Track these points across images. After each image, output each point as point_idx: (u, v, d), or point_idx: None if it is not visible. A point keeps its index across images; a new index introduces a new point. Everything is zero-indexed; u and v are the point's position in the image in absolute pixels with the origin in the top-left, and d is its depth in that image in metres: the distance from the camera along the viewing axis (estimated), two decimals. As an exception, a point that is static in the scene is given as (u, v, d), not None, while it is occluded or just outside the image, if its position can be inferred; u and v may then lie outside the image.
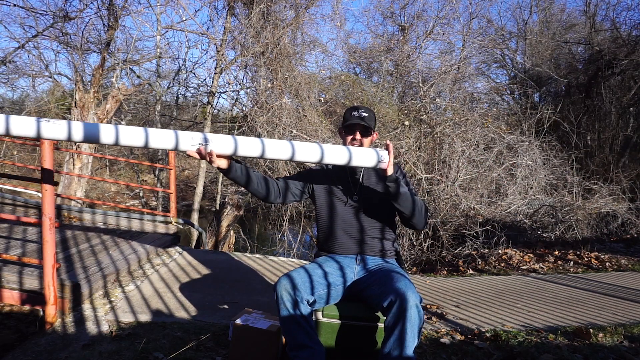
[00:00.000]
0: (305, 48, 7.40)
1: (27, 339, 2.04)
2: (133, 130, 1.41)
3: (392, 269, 1.65)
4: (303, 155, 1.54)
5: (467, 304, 2.90)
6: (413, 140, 5.71)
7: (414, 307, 1.40)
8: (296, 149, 1.53)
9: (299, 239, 6.16)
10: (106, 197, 11.92)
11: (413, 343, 1.41)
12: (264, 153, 1.51)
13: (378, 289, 1.55)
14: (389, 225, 1.83)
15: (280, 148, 1.52)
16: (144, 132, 1.41)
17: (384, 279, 1.57)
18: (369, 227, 1.78)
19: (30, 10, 7.40)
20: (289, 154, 1.53)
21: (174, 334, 2.01)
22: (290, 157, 1.53)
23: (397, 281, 1.49)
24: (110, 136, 1.38)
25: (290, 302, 1.49)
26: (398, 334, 1.41)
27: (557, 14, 12.01)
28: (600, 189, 6.95)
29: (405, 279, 1.52)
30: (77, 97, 6.09)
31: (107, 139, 1.38)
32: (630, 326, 2.53)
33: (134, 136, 1.40)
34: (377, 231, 1.79)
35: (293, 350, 1.50)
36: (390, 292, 1.45)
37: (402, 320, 1.40)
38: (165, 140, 1.43)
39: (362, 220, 1.78)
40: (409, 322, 1.39)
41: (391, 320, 1.43)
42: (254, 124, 6.01)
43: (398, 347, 1.41)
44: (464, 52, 7.69)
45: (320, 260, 1.74)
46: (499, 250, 5.12)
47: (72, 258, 2.78)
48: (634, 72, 9.50)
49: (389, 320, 1.45)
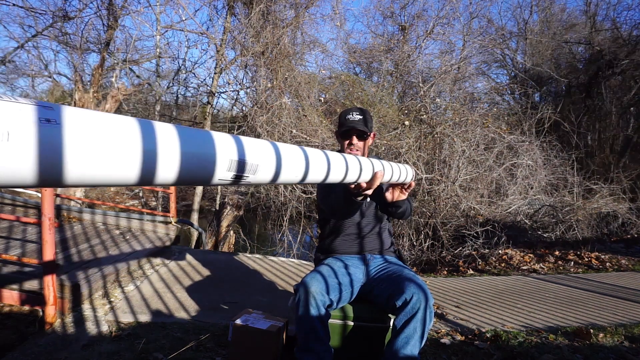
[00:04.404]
0: (305, 48, 7.40)
1: (27, 339, 2.03)
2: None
3: (402, 269, 1.65)
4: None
5: (467, 304, 2.90)
6: (413, 140, 5.70)
7: (428, 307, 1.41)
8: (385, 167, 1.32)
9: (298, 239, 6.16)
10: (106, 197, 11.90)
11: (420, 344, 1.42)
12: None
13: (390, 288, 1.54)
14: (389, 220, 1.86)
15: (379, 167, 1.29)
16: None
17: (397, 278, 1.56)
18: (373, 226, 1.79)
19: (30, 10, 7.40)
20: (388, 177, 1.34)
21: (174, 334, 2.01)
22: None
23: (412, 281, 1.49)
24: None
25: (312, 305, 1.46)
26: (408, 334, 1.41)
27: (558, 13, 12.00)
28: (601, 189, 6.96)
29: (418, 279, 1.53)
30: (77, 97, 6.09)
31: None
32: (630, 326, 2.53)
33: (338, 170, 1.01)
34: (379, 230, 1.81)
35: (300, 352, 1.49)
36: (405, 291, 1.45)
37: (413, 320, 1.41)
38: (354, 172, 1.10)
39: (367, 220, 1.79)
40: (420, 322, 1.40)
41: (402, 319, 1.43)
42: (254, 123, 6.01)
43: (406, 346, 1.41)
44: (464, 52, 7.69)
45: (331, 263, 1.71)
46: (499, 251, 5.11)
47: (71, 258, 2.77)
48: (634, 72, 9.50)
49: (399, 319, 1.44)
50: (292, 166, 0.81)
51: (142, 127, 0.50)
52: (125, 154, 0.47)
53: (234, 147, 0.65)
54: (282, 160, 0.78)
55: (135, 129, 0.49)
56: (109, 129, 0.46)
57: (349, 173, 1.07)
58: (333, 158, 1.00)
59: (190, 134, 0.58)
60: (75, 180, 0.44)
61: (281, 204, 6.18)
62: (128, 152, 0.48)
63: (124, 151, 0.47)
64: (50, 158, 0.40)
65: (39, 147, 0.39)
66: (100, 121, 0.46)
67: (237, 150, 0.65)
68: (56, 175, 0.41)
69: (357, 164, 1.13)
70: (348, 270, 1.68)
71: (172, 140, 0.53)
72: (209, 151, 0.60)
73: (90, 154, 0.44)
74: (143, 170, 0.50)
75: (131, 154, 0.48)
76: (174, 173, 0.54)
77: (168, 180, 0.54)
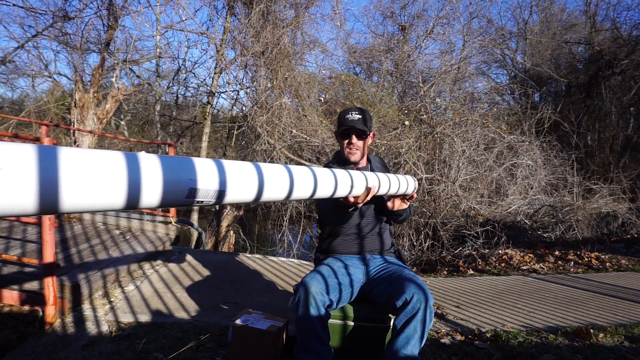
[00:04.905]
0: (305, 48, 7.39)
1: (27, 339, 2.03)
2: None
3: (403, 269, 1.65)
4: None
5: (467, 304, 2.90)
6: (413, 140, 5.70)
7: (428, 307, 1.42)
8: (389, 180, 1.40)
9: (298, 239, 6.16)
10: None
11: (421, 344, 1.43)
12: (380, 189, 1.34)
13: (390, 288, 1.55)
14: (388, 223, 1.86)
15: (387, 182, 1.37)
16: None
17: (397, 278, 1.57)
18: (373, 226, 1.79)
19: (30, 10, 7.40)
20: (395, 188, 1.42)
21: (174, 334, 2.01)
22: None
23: (412, 281, 1.50)
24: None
25: (312, 305, 1.46)
26: (408, 334, 1.41)
27: (558, 13, 12.00)
28: (601, 189, 6.96)
29: (419, 279, 1.53)
30: (77, 97, 6.09)
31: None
32: (630, 326, 2.53)
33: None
34: (379, 230, 1.81)
35: (300, 352, 1.49)
36: (406, 291, 1.45)
37: (413, 320, 1.41)
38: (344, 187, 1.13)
39: (367, 221, 1.79)
40: (421, 322, 1.40)
41: (403, 320, 1.44)
42: (254, 123, 6.00)
43: (406, 346, 1.41)
44: (464, 52, 7.69)
45: (331, 263, 1.71)
46: (499, 251, 5.11)
47: (72, 258, 2.77)
48: (634, 72, 9.50)
49: (400, 319, 1.45)
50: (271, 186, 0.84)
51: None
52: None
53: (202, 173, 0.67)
54: (263, 181, 0.81)
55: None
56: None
57: (338, 189, 1.09)
58: (321, 176, 1.02)
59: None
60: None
61: (281, 204, 6.18)
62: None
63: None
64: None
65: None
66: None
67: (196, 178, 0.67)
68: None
69: (348, 180, 1.15)
70: (348, 270, 1.68)
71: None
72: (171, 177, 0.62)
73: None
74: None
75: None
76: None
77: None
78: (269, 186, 0.83)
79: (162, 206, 0.64)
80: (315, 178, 0.99)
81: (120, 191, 0.55)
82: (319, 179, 1.00)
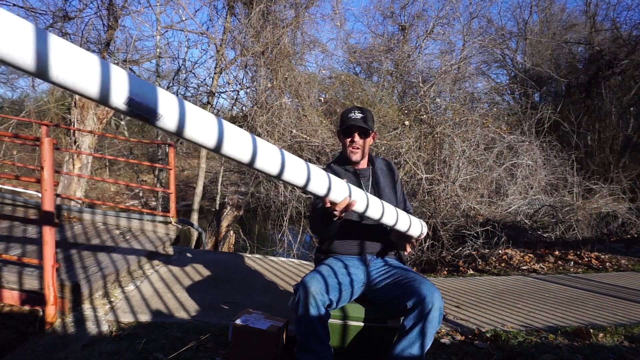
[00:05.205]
0: (305, 48, 7.40)
1: (27, 339, 2.03)
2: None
3: (407, 271, 1.65)
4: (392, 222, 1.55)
5: (467, 304, 2.90)
6: (413, 140, 5.71)
7: (438, 309, 1.42)
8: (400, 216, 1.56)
9: (298, 239, 6.16)
10: (106, 197, 11.92)
11: (428, 345, 1.43)
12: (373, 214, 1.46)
13: (398, 289, 1.55)
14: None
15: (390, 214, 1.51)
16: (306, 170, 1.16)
17: (405, 280, 1.57)
18: (374, 228, 1.79)
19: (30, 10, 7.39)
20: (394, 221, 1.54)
21: (174, 334, 2.01)
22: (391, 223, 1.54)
23: (421, 283, 1.50)
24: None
25: (312, 305, 1.45)
26: (416, 335, 1.42)
27: (557, 13, 12.01)
28: (601, 189, 6.96)
29: (428, 281, 1.54)
30: (77, 97, 6.09)
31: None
32: (630, 326, 2.53)
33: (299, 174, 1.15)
34: (380, 231, 1.80)
35: (300, 352, 1.49)
36: (416, 293, 1.45)
37: (423, 322, 1.41)
38: (321, 186, 1.23)
39: (368, 222, 1.78)
40: (430, 324, 1.41)
41: (412, 321, 1.44)
42: (254, 123, 6.01)
43: (413, 346, 1.42)
44: (464, 52, 7.69)
45: (331, 263, 1.71)
46: (499, 251, 5.12)
47: (72, 258, 2.77)
48: (634, 72, 9.51)
49: (409, 321, 1.45)
50: (230, 141, 0.95)
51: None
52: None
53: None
54: (223, 132, 0.94)
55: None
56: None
57: (312, 181, 1.18)
58: (291, 158, 1.12)
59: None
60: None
61: (281, 204, 6.18)
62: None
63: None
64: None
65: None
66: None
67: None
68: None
69: (326, 180, 1.23)
70: (348, 270, 1.68)
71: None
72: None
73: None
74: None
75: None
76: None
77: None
78: (228, 140, 0.94)
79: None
80: (282, 155, 1.08)
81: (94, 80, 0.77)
82: (287, 157, 1.09)
